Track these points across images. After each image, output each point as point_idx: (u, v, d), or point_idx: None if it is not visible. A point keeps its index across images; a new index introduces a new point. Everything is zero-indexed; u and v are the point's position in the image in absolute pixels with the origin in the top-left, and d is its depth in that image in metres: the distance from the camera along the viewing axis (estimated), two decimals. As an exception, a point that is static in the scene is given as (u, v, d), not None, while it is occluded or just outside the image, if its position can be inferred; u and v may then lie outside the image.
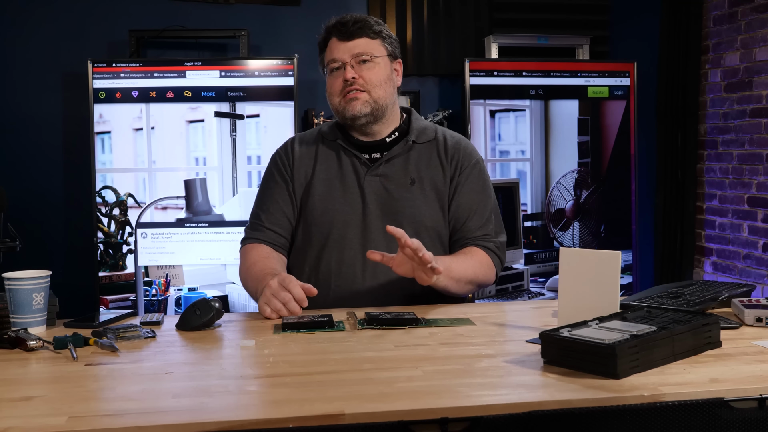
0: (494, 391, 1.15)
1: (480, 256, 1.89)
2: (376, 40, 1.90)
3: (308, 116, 3.77)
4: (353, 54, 1.87)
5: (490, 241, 1.93)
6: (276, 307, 1.64)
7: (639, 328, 1.27)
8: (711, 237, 4.17)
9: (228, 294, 3.54)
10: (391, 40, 1.95)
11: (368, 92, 1.87)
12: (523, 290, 3.82)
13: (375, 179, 1.91)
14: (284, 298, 1.65)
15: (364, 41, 1.89)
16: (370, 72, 1.88)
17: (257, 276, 1.81)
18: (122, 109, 3.53)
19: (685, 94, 4.19)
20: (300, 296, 1.65)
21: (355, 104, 1.87)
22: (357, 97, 1.87)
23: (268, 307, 1.65)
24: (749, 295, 1.72)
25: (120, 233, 3.54)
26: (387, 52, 1.92)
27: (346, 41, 1.88)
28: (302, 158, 1.96)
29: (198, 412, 1.06)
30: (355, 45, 1.88)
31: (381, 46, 1.91)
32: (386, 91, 1.90)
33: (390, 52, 1.93)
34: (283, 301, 1.64)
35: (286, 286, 1.66)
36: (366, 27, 1.89)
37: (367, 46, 1.89)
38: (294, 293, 1.65)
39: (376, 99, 1.88)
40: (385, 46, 1.92)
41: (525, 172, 3.89)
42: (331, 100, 1.92)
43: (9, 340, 1.42)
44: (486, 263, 1.89)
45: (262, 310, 1.66)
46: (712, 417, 1.11)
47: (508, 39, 4.06)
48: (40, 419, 1.04)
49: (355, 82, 1.86)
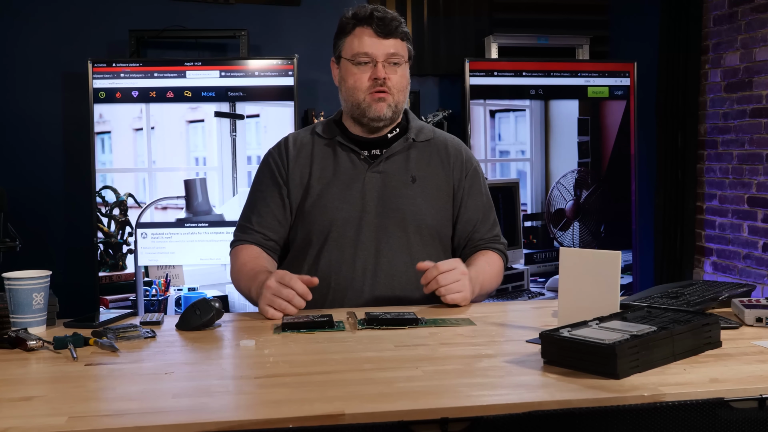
0: (494, 391, 1.15)
1: (494, 264, 1.94)
2: (404, 42, 1.89)
3: (308, 116, 3.77)
4: (388, 53, 1.85)
5: (500, 242, 2.00)
6: (281, 306, 1.62)
7: (639, 328, 1.27)
8: (711, 237, 4.17)
9: (228, 294, 3.53)
10: (411, 44, 1.94)
11: (392, 95, 1.86)
12: (523, 290, 3.82)
13: (376, 176, 1.90)
14: (287, 295, 1.62)
15: (398, 42, 1.87)
16: (397, 76, 1.87)
17: (249, 275, 1.79)
18: (122, 109, 3.53)
19: (685, 94, 4.19)
20: (303, 290, 1.63)
21: (382, 106, 1.86)
22: (384, 99, 1.85)
23: (270, 308, 1.63)
24: (749, 295, 1.72)
25: (120, 233, 3.54)
26: (409, 55, 1.92)
27: (383, 38, 1.85)
28: (298, 158, 1.94)
29: (198, 412, 1.06)
30: (390, 44, 1.86)
31: (407, 49, 1.91)
32: (405, 96, 1.91)
33: (411, 55, 1.93)
34: (287, 299, 1.62)
35: (287, 283, 1.63)
36: (400, 27, 1.87)
37: (399, 48, 1.87)
38: (296, 288, 1.63)
39: (398, 103, 1.88)
40: (409, 49, 1.92)
41: (525, 172, 3.89)
42: (353, 94, 1.88)
43: (9, 340, 1.42)
44: (499, 268, 1.96)
45: (265, 312, 1.64)
46: (712, 417, 1.11)
47: (508, 39, 4.07)
48: (40, 419, 1.04)
49: (385, 83, 1.85)
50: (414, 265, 1.85)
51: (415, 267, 1.83)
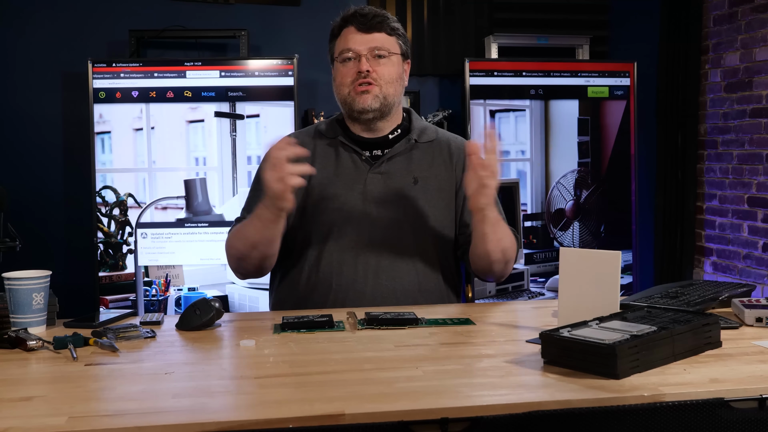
0: (494, 391, 1.15)
1: (513, 238, 1.88)
2: (392, 36, 1.90)
3: (308, 116, 3.77)
4: (370, 47, 1.86)
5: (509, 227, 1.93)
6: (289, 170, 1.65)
7: (639, 328, 1.27)
8: (711, 237, 4.17)
9: (228, 294, 3.53)
10: (405, 40, 1.94)
11: (380, 87, 1.86)
12: (523, 290, 3.82)
13: (377, 176, 1.90)
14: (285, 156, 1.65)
15: (383, 36, 1.88)
16: (384, 68, 1.87)
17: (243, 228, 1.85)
18: (122, 109, 3.53)
19: (685, 94, 4.19)
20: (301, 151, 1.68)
21: (366, 97, 1.86)
22: (368, 90, 1.86)
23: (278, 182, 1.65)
24: (749, 295, 1.72)
25: (120, 233, 3.54)
26: (401, 51, 1.92)
27: (364, 33, 1.87)
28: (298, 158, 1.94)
29: (198, 412, 1.06)
30: (373, 38, 1.87)
31: (396, 44, 1.91)
32: (396, 89, 1.90)
33: (403, 51, 1.93)
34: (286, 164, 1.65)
35: (278, 154, 1.66)
36: (385, 22, 1.89)
37: (384, 42, 1.88)
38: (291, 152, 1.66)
39: (386, 95, 1.87)
40: (400, 45, 1.92)
41: (525, 172, 3.89)
42: (340, 90, 1.90)
43: (9, 340, 1.42)
44: (515, 245, 1.89)
45: (273, 185, 1.66)
46: (712, 417, 1.11)
47: (508, 39, 4.06)
48: (40, 419, 1.04)
49: (369, 75, 1.85)
50: (415, 267, 1.86)
51: (416, 269, 1.84)
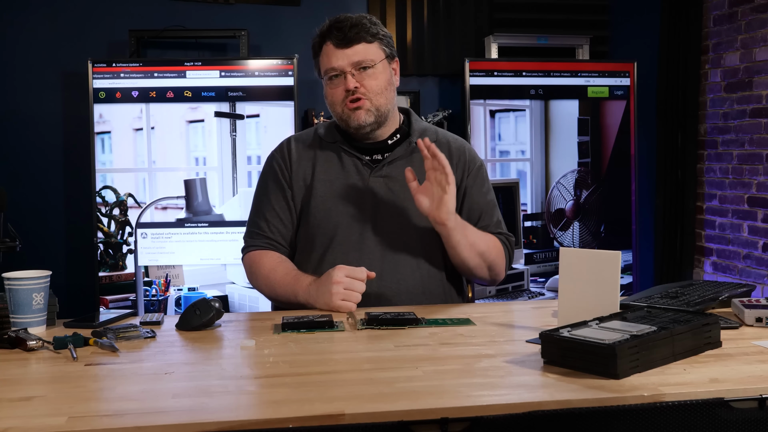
0: (494, 391, 1.15)
1: (493, 239, 1.92)
2: (373, 43, 1.86)
3: (308, 116, 3.77)
4: (353, 62, 1.83)
5: (502, 234, 1.96)
6: (356, 299, 1.71)
7: (639, 328, 1.27)
8: (711, 237, 4.17)
9: (228, 294, 3.54)
10: (388, 40, 1.91)
11: (370, 100, 1.84)
12: (523, 290, 3.82)
13: (379, 180, 1.90)
14: (360, 287, 1.71)
15: (363, 47, 1.84)
16: (371, 80, 1.85)
17: (287, 280, 1.82)
18: (122, 109, 3.53)
19: (685, 94, 4.19)
20: (369, 277, 1.74)
21: (360, 114, 1.84)
22: (360, 106, 1.84)
23: (346, 302, 1.70)
24: (749, 295, 1.72)
25: (120, 233, 3.54)
26: (385, 54, 1.89)
27: (344, 48, 1.84)
28: (300, 160, 1.93)
29: (198, 412, 1.06)
30: (354, 52, 1.84)
31: (379, 50, 1.87)
32: (387, 97, 1.88)
33: (388, 53, 1.90)
34: (359, 290, 1.71)
35: (356, 276, 1.71)
36: (363, 31, 1.85)
37: (366, 52, 1.85)
38: (364, 279, 1.73)
39: (379, 107, 1.86)
40: (383, 49, 1.88)
41: (525, 172, 3.89)
42: (333, 109, 1.89)
43: (9, 340, 1.42)
44: (497, 247, 1.92)
45: (339, 307, 1.70)
46: (712, 417, 1.11)
47: (508, 39, 4.06)
48: (40, 419, 1.04)
49: (357, 91, 1.83)
50: (419, 269, 1.86)
51: (420, 271, 1.85)
